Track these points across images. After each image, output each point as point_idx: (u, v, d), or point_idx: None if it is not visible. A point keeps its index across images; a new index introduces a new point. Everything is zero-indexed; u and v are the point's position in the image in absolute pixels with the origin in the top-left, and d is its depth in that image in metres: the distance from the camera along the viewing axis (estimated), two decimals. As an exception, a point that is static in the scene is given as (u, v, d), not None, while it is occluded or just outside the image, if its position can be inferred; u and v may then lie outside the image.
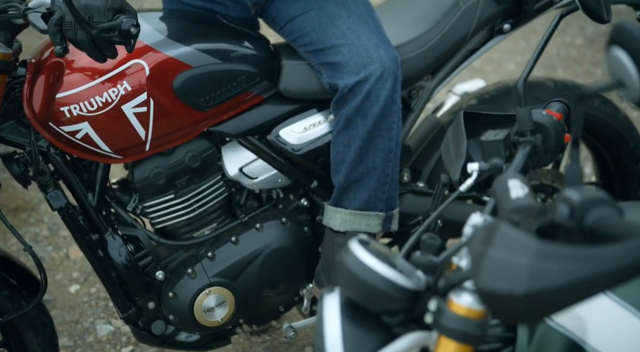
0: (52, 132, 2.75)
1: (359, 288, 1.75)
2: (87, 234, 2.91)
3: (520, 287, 1.46)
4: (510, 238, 1.50)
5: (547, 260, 1.46)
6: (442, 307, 1.69)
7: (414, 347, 1.77)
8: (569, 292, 1.46)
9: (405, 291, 1.74)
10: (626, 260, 1.45)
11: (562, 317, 1.81)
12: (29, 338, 2.98)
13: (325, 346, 1.77)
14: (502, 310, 1.51)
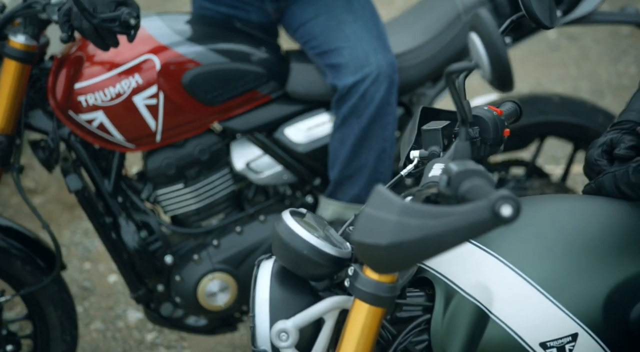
0: (72, 120, 2.94)
1: (288, 254, 1.89)
2: (101, 217, 3.08)
3: (384, 239, 1.59)
4: (383, 198, 1.63)
5: (409, 216, 1.59)
6: (358, 272, 1.81)
7: (334, 310, 1.90)
8: (426, 244, 1.59)
9: (329, 258, 1.87)
10: (473, 218, 1.57)
11: (473, 288, 1.92)
12: (49, 312, 3.15)
13: (254, 307, 1.90)
14: (371, 259, 1.64)
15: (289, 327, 1.86)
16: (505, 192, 1.57)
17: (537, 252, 1.95)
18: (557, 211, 2.09)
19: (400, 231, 1.59)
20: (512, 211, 1.57)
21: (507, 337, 1.87)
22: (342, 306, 1.90)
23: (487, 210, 1.57)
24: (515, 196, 1.57)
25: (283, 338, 1.87)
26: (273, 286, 1.92)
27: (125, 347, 3.68)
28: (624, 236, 2.01)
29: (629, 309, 1.91)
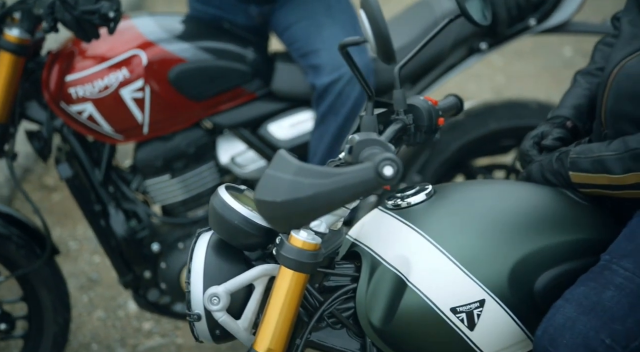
0: (63, 111, 3.07)
1: (222, 225, 2.01)
2: (91, 205, 3.21)
3: (279, 196, 1.71)
4: (282, 160, 1.75)
5: (302, 176, 1.72)
6: (284, 241, 1.92)
7: (263, 277, 2.01)
8: (317, 201, 1.71)
9: (259, 228, 1.99)
10: (359, 177, 1.69)
11: (395, 260, 2.05)
12: (43, 295, 3.27)
13: (190, 274, 2.01)
14: (270, 216, 1.77)
15: (220, 292, 1.96)
16: (389, 155, 1.68)
17: (455, 228, 2.06)
18: (479, 193, 2.20)
19: (294, 189, 1.71)
20: (393, 172, 1.69)
21: (422, 303, 1.99)
22: (270, 273, 2.00)
23: (372, 170, 1.69)
24: (398, 159, 1.67)
25: (214, 302, 1.96)
26: (208, 255, 2.03)
27: (123, 334, 3.80)
28: (534, 216, 2.13)
29: (534, 280, 2.03)
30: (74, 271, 4.19)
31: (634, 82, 2.12)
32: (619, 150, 2.09)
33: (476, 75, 5.99)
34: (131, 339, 3.78)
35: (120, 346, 3.75)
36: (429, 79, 3.41)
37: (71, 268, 4.20)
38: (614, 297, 1.97)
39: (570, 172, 2.19)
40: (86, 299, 4.02)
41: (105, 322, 3.89)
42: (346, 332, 2.11)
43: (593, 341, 1.95)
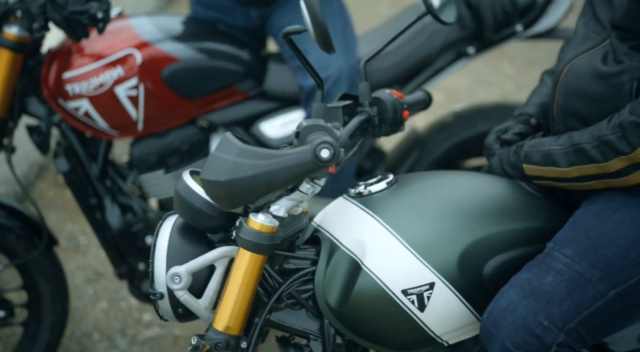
0: (61, 108, 3.17)
1: (185, 208, 2.09)
2: (87, 198, 3.31)
3: (222, 176, 1.80)
4: (226, 142, 1.84)
5: (244, 157, 1.81)
6: (243, 223, 2.00)
7: (223, 258, 2.09)
8: (258, 181, 1.81)
9: (220, 211, 2.08)
10: (297, 159, 1.78)
11: (352, 244, 2.14)
12: (41, 284, 3.36)
13: (154, 254, 2.09)
14: (214, 195, 1.86)
15: (181, 272, 2.04)
16: (326, 138, 1.77)
17: (410, 215, 2.14)
18: (437, 183, 2.29)
19: (235, 169, 1.80)
20: (329, 154, 1.78)
21: (375, 285, 2.08)
22: (230, 254, 2.09)
23: (309, 153, 1.78)
24: (335, 143, 1.76)
25: (176, 281, 2.05)
26: (172, 237, 2.11)
27: (123, 325, 3.90)
28: (486, 205, 2.22)
29: (483, 265, 2.12)
30: (82, 265, 4.29)
31: (581, 81, 2.21)
32: (565, 144, 2.17)
33: (486, 81, 6.06)
34: (131, 329, 3.88)
35: (120, 336, 3.84)
36: (418, 81, 3.48)
37: (80, 262, 4.31)
38: (553, 282, 2.05)
39: (524, 165, 2.27)
40: (91, 291, 4.12)
41: (108, 313, 3.98)
42: (305, 313, 2.19)
43: (532, 323, 2.03)
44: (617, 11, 2.16)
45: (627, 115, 2.06)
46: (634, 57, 2.12)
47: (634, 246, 2.09)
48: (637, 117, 2.04)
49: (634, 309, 2.13)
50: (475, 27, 3.46)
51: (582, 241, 2.11)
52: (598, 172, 2.13)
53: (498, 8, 3.41)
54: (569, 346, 2.05)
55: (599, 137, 2.11)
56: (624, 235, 2.10)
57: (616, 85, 2.14)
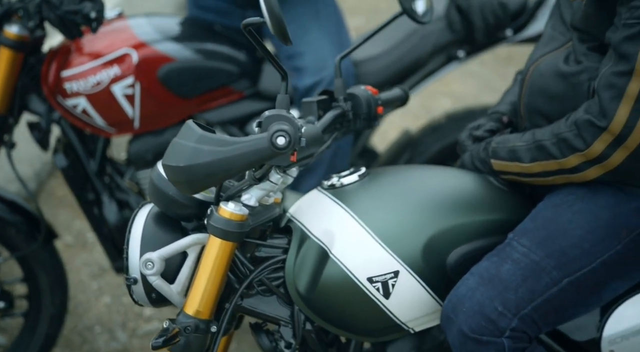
0: (60, 105, 3.25)
1: (159, 196, 2.16)
2: (85, 194, 3.38)
3: (182, 161, 1.86)
4: (188, 129, 1.90)
5: (204, 144, 1.87)
6: (213, 211, 2.06)
7: (195, 245, 2.16)
8: (216, 167, 1.87)
9: (192, 200, 2.14)
10: (254, 146, 1.84)
11: (321, 233, 2.21)
12: (41, 277, 3.43)
13: (128, 241, 2.16)
14: (174, 180, 1.93)
15: (154, 258, 2.11)
16: (283, 126, 1.83)
17: (378, 206, 2.20)
18: (407, 176, 2.35)
19: (194, 155, 1.87)
20: (285, 142, 1.84)
21: (341, 272, 2.15)
22: (202, 242, 2.15)
23: (266, 140, 1.84)
24: (292, 131, 1.82)
25: (149, 267, 2.11)
26: (147, 224, 2.18)
27: (124, 319, 3.97)
28: (451, 197, 2.29)
29: (446, 255, 2.17)
30: (88, 261, 4.37)
31: (544, 80, 2.27)
32: (528, 141, 2.23)
33: (493, 87, 6.09)
34: (131, 323, 3.95)
35: (120, 329, 3.92)
36: (410, 83, 3.54)
37: (86, 258, 4.39)
38: (510, 270, 2.12)
39: (492, 160, 2.32)
40: (96, 286, 4.20)
41: (110, 307, 4.06)
42: (276, 300, 2.25)
43: (487, 309, 2.09)
44: (576, 14, 2.23)
45: (582, 114, 2.13)
46: (592, 58, 2.19)
47: (589, 236, 2.15)
48: (591, 115, 2.11)
49: (587, 297, 2.19)
50: (466, 31, 3.51)
51: (540, 232, 2.18)
52: (557, 168, 2.19)
53: (488, 12, 3.46)
54: (522, 331, 2.11)
55: (557, 134, 2.17)
56: (580, 226, 2.16)
57: (575, 84, 2.21)
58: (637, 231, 2.17)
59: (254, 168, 2.04)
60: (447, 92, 5.71)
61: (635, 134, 2.06)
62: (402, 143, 3.68)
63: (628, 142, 2.08)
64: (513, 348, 2.10)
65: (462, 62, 3.58)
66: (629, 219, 2.18)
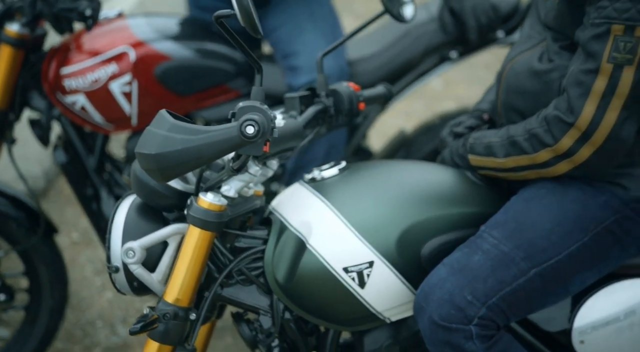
0: (60, 102, 3.30)
1: (141, 187, 2.21)
2: (84, 189, 3.43)
3: (153, 149, 1.90)
4: (161, 118, 1.95)
5: (175, 132, 1.91)
6: (193, 202, 2.11)
7: (176, 234, 2.21)
8: (187, 155, 1.92)
9: (173, 190, 2.19)
10: (224, 135, 1.88)
11: (299, 224, 2.26)
12: (41, 271, 3.48)
13: (110, 230, 2.21)
14: (146, 167, 1.97)
15: (135, 247, 2.16)
16: (252, 116, 1.87)
17: (355, 199, 2.25)
18: (385, 170, 2.41)
19: (166, 143, 1.91)
20: (254, 131, 1.88)
21: (317, 263, 2.19)
22: (182, 231, 2.20)
23: (235, 129, 1.88)
24: (262, 120, 1.86)
25: (130, 255, 2.16)
26: (129, 214, 2.23)
27: (125, 314, 4.03)
28: (427, 191, 2.35)
29: (421, 246, 2.22)
30: (93, 257, 4.43)
31: (519, 78, 2.32)
32: (502, 137, 2.28)
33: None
34: (131, 318, 4.01)
35: (121, 324, 3.98)
36: (403, 82, 3.59)
37: (91, 254, 4.45)
38: (479, 261, 2.16)
39: (469, 155, 2.36)
40: (99, 282, 4.26)
41: (112, 303, 4.12)
42: (256, 290, 2.30)
43: (457, 298, 2.14)
44: (549, 13, 2.28)
45: (552, 110, 2.19)
46: (563, 57, 2.25)
47: (557, 229, 2.20)
48: (559, 112, 2.16)
49: (554, 287, 2.24)
50: (458, 32, 3.55)
51: (510, 224, 2.22)
52: (529, 163, 2.24)
53: (480, 14, 3.50)
54: (490, 319, 2.16)
55: (529, 130, 2.23)
56: (549, 219, 2.22)
57: (547, 82, 2.26)
58: (604, 224, 2.22)
59: (232, 159, 2.08)
60: (453, 96, 5.74)
61: (600, 130, 2.12)
62: (396, 142, 3.73)
63: (594, 138, 2.13)
64: (481, 335, 2.14)
65: (455, 62, 3.62)
66: (596, 213, 2.23)
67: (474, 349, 2.14)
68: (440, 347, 2.17)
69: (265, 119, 1.95)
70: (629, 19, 2.06)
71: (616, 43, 2.07)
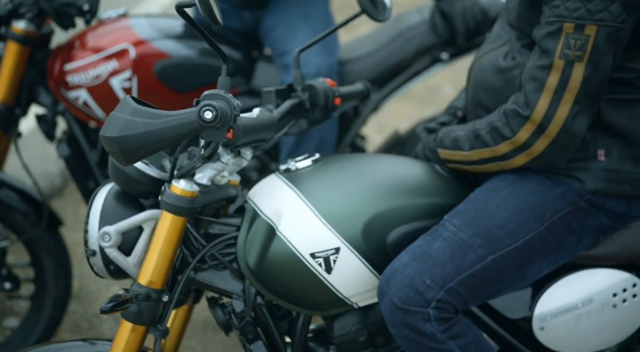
0: (64, 97, 3.40)
1: (117, 174, 2.28)
2: (86, 182, 3.52)
3: (116, 132, 1.97)
4: (124, 103, 2.02)
5: (137, 116, 1.98)
6: (166, 188, 2.18)
7: (150, 220, 2.27)
8: (148, 138, 1.98)
9: (149, 177, 2.26)
10: (183, 119, 1.95)
11: (270, 212, 2.32)
12: (46, 262, 3.56)
13: (89, 215, 2.28)
14: (110, 150, 2.03)
15: (111, 231, 2.23)
16: (210, 101, 1.94)
17: (324, 188, 2.32)
18: (356, 162, 2.48)
19: (128, 127, 1.97)
20: (212, 116, 1.94)
21: (286, 248, 2.26)
22: (157, 217, 2.27)
23: (194, 114, 1.94)
24: (220, 106, 1.92)
25: (106, 239, 2.23)
26: (106, 200, 2.30)
27: (130, 308, 4.10)
28: (394, 181, 2.41)
29: (386, 234, 2.29)
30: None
31: (485, 74, 2.39)
32: (468, 130, 2.35)
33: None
34: (136, 312, 4.07)
35: (125, 317, 4.04)
36: (395, 83, 3.65)
37: (102, 250, 4.51)
38: (439, 247, 2.23)
39: (438, 149, 2.42)
40: (106, 277, 4.33)
41: (119, 297, 4.18)
42: (229, 275, 2.36)
43: (416, 282, 2.21)
44: (511, 13, 2.35)
45: (510, 104, 2.26)
46: (525, 54, 2.31)
47: (514, 218, 2.27)
48: (517, 105, 2.22)
49: (511, 274, 2.29)
50: (448, 34, 3.61)
51: (470, 213, 2.29)
52: (491, 156, 2.30)
53: (469, 17, 3.55)
54: (448, 302, 2.23)
55: (490, 123, 2.29)
56: (506, 209, 2.28)
57: (510, 78, 2.32)
58: (559, 215, 2.28)
59: (203, 147, 2.15)
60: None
61: (554, 123, 2.18)
62: (391, 143, 3.79)
63: (548, 130, 2.19)
64: (438, 318, 2.20)
65: (446, 64, 3.67)
66: (553, 204, 2.28)
67: (431, 330, 2.20)
68: (400, 329, 2.23)
69: (228, 107, 2.01)
70: (578, 17, 2.12)
71: (567, 40, 2.14)
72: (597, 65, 2.15)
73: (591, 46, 2.13)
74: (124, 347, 2.24)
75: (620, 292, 2.38)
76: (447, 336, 2.22)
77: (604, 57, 2.15)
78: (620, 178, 2.28)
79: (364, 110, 3.65)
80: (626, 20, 2.13)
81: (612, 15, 2.11)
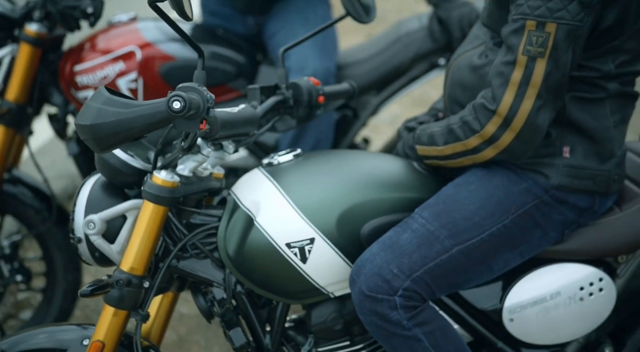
0: (74, 98, 3.46)
1: (103, 165, 2.33)
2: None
3: (88, 120, 2.01)
4: (98, 93, 2.06)
5: (109, 105, 2.02)
6: (147, 179, 2.23)
7: (133, 209, 2.31)
8: (119, 126, 2.02)
9: (133, 169, 2.30)
10: (153, 109, 1.99)
11: (250, 203, 2.35)
12: (56, 256, 3.62)
13: (75, 204, 2.33)
14: (84, 138, 2.07)
15: (95, 219, 2.27)
16: (180, 92, 1.97)
17: (301, 181, 2.36)
18: (335, 157, 2.53)
19: (100, 115, 2.01)
20: (180, 106, 1.98)
21: (263, 238, 2.30)
22: (139, 206, 2.31)
23: (163, 104, 1.98)
24: (189, 97, 1.96)
25: (91, 227, 2.27)
26: (92, 190, 2.34)
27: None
28: (369, 176, 2.45)
29: (360, 226, 2.33)
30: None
31: (461, 72, 2.42)
32: (443, 126, 2.38)
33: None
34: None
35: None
36: (394, 87, 3.68)
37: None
38: (408, 238, 2.26)
39: (416, 146, 2.46)
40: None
41: (129, 292, 4.23)
42: (210, 264, 2.39)
43: (384, 271, 2.24)
44: (484, 12, 2.37)
45: (479, 99, 2.29)
46: (496, 52, 2.35)
47: (480, 211, 2.30)
48: (485, 100, 2.26)
49: (477, 265, 2.32)
50: (446, 40, 3.64)
51: (439, 206, 2.32)
52: (463, 149, 2.33)
53: (465, 24, 3.58)
54: (414, 291, 2.26)
55: (461, 117, 2.32)
56: (473, 202, 2.31)
57: (482, 76, 2.36)
58: (524, 208, 2.31)
59: (182, 139, 2.19)
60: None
61: (518, 116, 2.21)
62: (394, 142, 3.80)
63: (513, 124, 2.22)
64: (405, 306, 2.23)
65: (443, 69, 3.69)
66: (518, 198, 2.31)
67: (397, 318, 2.23)
68: (369, 316, 2.26)
69: (200, 99, 2.05)
70: (539, 15, 2.15)
71: (530, 37, 2.17)
72: (557, 62, 2.18)
73: (552, 43, 2.16)
74: (107, 329, 2.30)
75: (587, 286, 2.41)
76: (413, 323, 2.25)
77: (564, 54, 2.18)
78: (583, 174, 2.31)
79: (364, 114, 3.69)
80: (584, 19, 2.16)
81: (571, 13, 2.15)
